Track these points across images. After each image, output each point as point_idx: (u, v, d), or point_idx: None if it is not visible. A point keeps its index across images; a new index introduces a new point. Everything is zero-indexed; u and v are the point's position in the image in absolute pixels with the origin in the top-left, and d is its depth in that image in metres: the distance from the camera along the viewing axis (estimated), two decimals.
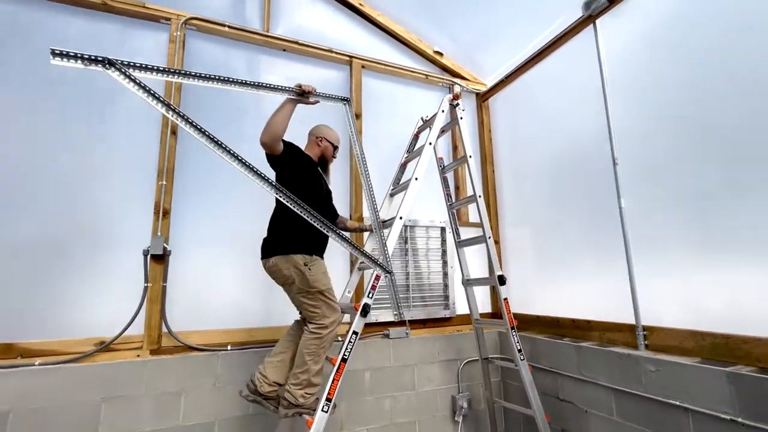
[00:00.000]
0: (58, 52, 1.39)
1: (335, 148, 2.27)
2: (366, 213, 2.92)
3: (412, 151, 2.78)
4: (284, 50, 2.89)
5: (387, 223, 2.31)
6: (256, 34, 2.76)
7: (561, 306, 2.78)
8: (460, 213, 3.32)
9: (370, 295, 2.00)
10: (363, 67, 3.15)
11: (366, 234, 2.67)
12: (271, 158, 1.96)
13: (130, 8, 2.45)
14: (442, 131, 2.82)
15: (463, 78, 3.57)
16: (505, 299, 2.39)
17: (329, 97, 2.24)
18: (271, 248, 1.97)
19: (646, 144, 2.22)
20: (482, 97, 3.61)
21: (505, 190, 3.41)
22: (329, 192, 2.26)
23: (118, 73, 1.51)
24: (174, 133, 2.43)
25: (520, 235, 3.23)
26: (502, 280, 2.40)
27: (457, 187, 3.37)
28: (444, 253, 3.16)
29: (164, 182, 2.34)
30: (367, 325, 2.74)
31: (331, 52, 3.00)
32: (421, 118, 2.91)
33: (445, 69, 3.54)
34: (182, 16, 2.55)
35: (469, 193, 2.65)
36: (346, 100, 2.35)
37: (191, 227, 2.46)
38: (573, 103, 2.73)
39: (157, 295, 2.25)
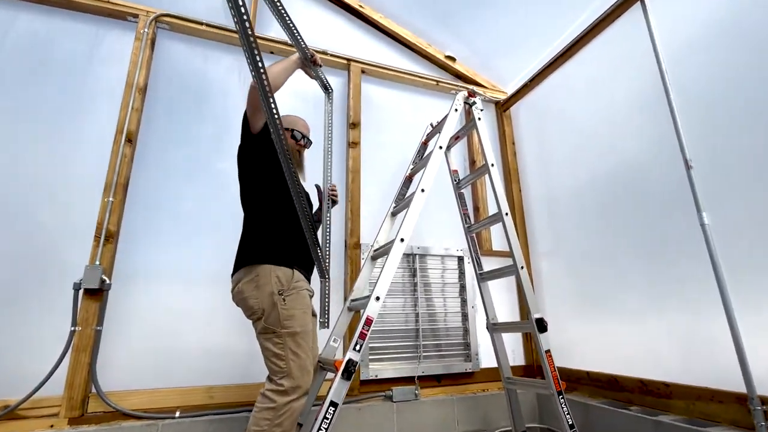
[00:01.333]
0: None
1: (293, 135, 1.71)
2: (365, 237, 2.39)
3: (419, 161, 2.28)
4: (271, 53, 2.53)
5: (384, 249, 1.77)
6: (235, 32, 2.41)
7: (618, 359, 2.10)
8: (482, 239, 2.74)
9: (358, 347, 1.42)
10: (363, 71, 2.75)
11: (363, 258, 2.12)
12: (246, 134, 1.54)
13: (93, 4, 2.14)
14: (456, 138, 2.34)
15: (479, 85, 3.12)
16: (548, 352, 1.75)
17: (321, 78, 2.05)
18: (237, 262, 1.49)
19: (727, 143, 1.65)
20: (503, 107, 3.13)
21: (534, 214, 2.83)
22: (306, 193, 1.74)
23: None
24: (130, 140, 2.02)
25: (555, 268, 2.61)
26: (542, 326, 1.78)
27: (476, 209, 2.82)
28: (463, 288, 2.55)
29: (111, 198, 1.90)
30: (363, 382, 2.12)
31: (326, 54, 2.61)
32: (431, 124, 2.44)
33: (459, 76, 3.11)
34: (152, 13, 2.23)
35: (493, 211, 2.09)
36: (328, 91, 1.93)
37: (145, 255, 1.99)
38: (616, 103, 2.20)
39: (87, 342, 1.73)
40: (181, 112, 2.25)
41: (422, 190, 1.79)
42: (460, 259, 2.61)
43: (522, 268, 1.88)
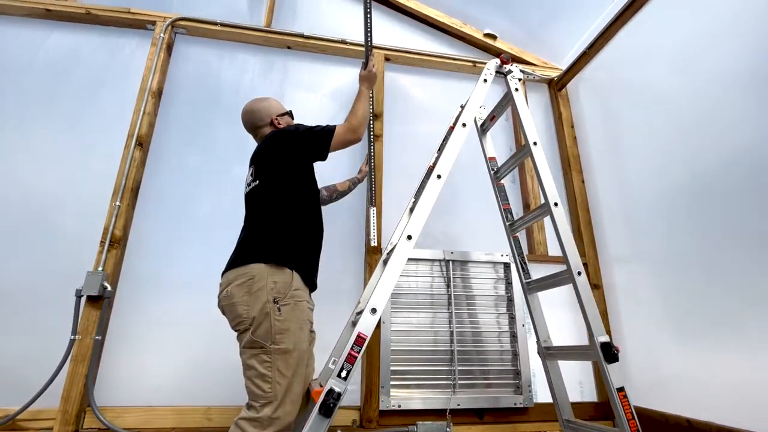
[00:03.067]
0: None
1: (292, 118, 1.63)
2: (388, 240, 2.08)
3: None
4: (288, 47, 2.39)
5: (389, 254, 1.44)
6: (254, 30, 2.31)
7: (737, 404, 1.48)
8: (534, 242, 2.25)
9: (344, 374, 1.10)
10: (387, 59, 2.48)
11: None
12: (323, 150, 1.42)
13: (115, 15, 2.19)
14: (492, 118, 1.94)
15: (526, 63, 2.68)
16: (621, 390, 1.25)
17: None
18: (231, 261, 1.30)
19: None
20: (557, 85, 2.63)
21: (603, 209, 2.27)
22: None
23: None
24: (141, 144, 1.97)
25: (635, 278, 2.02)
26: (609, 353, 1.28)
27: (526, 205, 2.35)
28: (510, 302, 2.09)
29: (118, 203, 1.84)
30: (383, 413, 1.78)
31: (344, 43, 2.40)
32: (461, 105, 2.06)
33: (499, 53, 2.69)
34: (168, 18, 2.22)
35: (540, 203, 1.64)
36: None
37: (153, 262, 1.89)
38: (725, 68, 1.64)
39: (85, 353, 1.65)
40: (197, 115, 2.18)
41: (438, 176, 1.44)
42: (507, 266, 2.16)
43: (579, 274, 1.41)
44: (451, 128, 1.99)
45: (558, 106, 2.58)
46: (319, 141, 1.42)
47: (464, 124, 1.57)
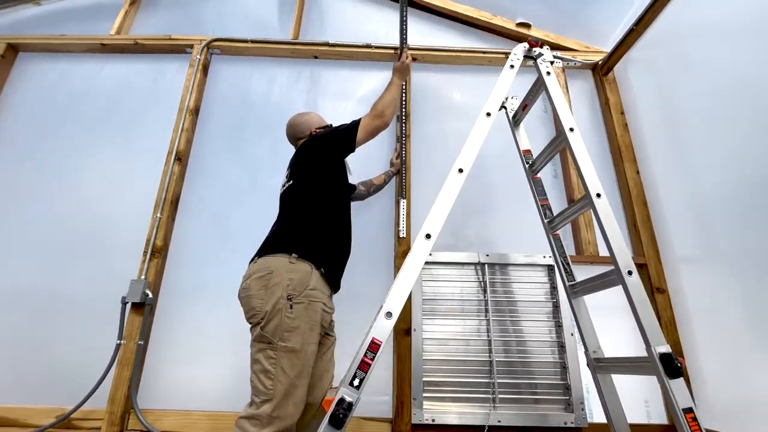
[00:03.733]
0: None
1: None
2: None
3: None
4: (315, 57, 2.43)
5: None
6: (282, 43, 2.38)
7: None
8: (581, 242, 2.04)
9: (356, 382, 1.03)
10: (414, 59, 2.42)
11: None
12: (351, 145, 1.47)
13: (158, 43, 2.37)
14: (525, 107, 1.81)
15: (566, 49, 2.48)
16: (689, 411, 1.05)
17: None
18: (259, 251, 1.34)
19: None
20: (602, 69, 2.39)
21: (666, 205, 1.99)
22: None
23: None
24: (179, 159, 2.09)
25: (708, 282, 1.72)
26: (671, 366, 1.08)
27: (571, 200, 2.14)
28: (556, 309, 1.89)
29: (159, 215, 1.95)
30: (415, 426, 1.68)
31: (370, 47, 2.39)
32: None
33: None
34: (204, 40, 2.36)
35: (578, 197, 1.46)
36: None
37: (192, 271, 1.98)
38: None
39: (129, 357, 1.74)
40: (231, 129, 2.27)
41: (459, 170, 1.35)
42: (550, 269, 1.96)
43: (630, 273, 1.22)
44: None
45: (604, 92, 2.34)
46: (345, 135, 1.48)
47: (488, 114, 1.46)
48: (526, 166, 1.79)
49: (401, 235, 1.99)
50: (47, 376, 1.79)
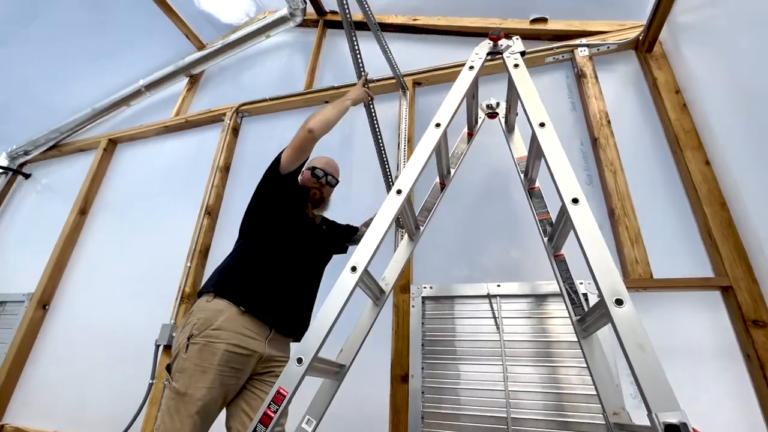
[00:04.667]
0: None
1: (313, 170, 1.58)
2: (418, 276, 1.80)
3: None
4: (325, 102, 2.54)
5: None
6: (295, 95, 2.57)
7: None
8: (626, 260, 1.57)
9: None
10: (418, 83, 2.35)
11: (413, 305, 1.56)
12: (274, 172, 1.43)
13: (202, 117, 2.79)
14: (509, 108, 1.57)
15: (595, 34, 2.10)
16: None
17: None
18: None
19: None
20: (643, 46, 1.94)
21: (753, 204, 1.42)
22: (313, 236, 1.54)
23: None
24: (209, 213, 2.34)
25: None
26: None
27: (611, 212, 1.69)
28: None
29: (189, 264, 2.19)
30: None
31: (372, 82, 2.40)
32: (486, 106, 1.73)
33: (558, 36, 2.20)
34: (234, 107, 2.69)
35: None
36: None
37: None
38: None
39: (159, 396, 1.92)
40: (254, 182, 2.47)
41: (397, 192, 1.19)
42: (584, 299, 1.54)
43: (619, 303, 0.89)
44: (469, 134, 1.68)
45: (651, 71, 1.88)
46: (272, 163, 1.45)
47: (437, 124, 1.28)
48: (522, 175, 1.50)
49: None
50: (96, 408, 2.08)
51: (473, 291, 1.70)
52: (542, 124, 1.17)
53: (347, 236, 1.74)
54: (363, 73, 1.69)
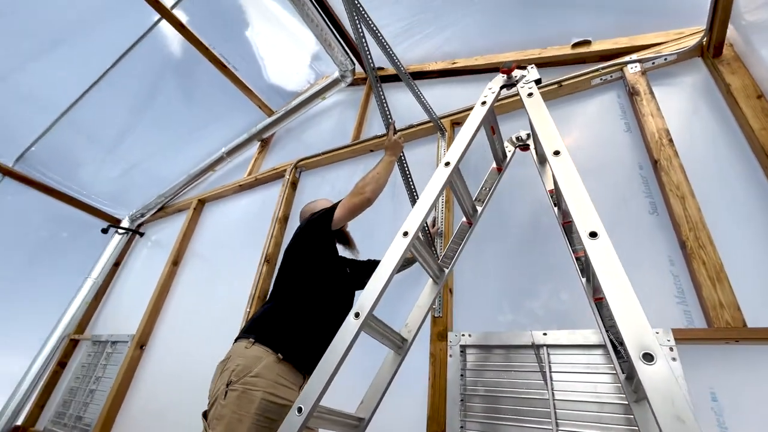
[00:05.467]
0: None
1: None
2: (459, 323, 1.68)
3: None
4: (371, 151, 2.66)
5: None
6: (343, 148, 2.75)
7: None
8: (706, 304, 1.28)
9: None
10: (456, 123, 2.34)
11: (451, 355, 1.47)
12: (323, 227, 1.49)
13: (267, 175, 3.13)
14: (527, 139, 1.47)
15: (645, 47, 1.90)
16: None
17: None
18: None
19: None
20: (710, 51, 1.68)
21: None
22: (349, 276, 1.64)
23: None
24: (268, 261, 2.54)
25: None
26: None
27: (683, 244, 1.41)
28: None
29: (249, 308, 2.37)
30: None
31: (412, 127, 2.46)
32: (511, 139, 1.65)
33: (604, 57, 2.04)
34: (292, 163, 2.97)
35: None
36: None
37: None
38: None
39: None
40: None
41: (404, 234, 1.16)
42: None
43: (649, 358, 0.72)
44: (498, 169, 1.61)
45: (722, 78, 1.61)
46: (321, 219, 1.51)
47: (447, 163, 1.25)
48: (555, 209, 1.36)
49: (436, 315, 1.73)
50: None
51: (516, 339, 1.52)
52: (557, 153, 1.07)
53: (369, 272, 1.74)
54: (390, 121, 1.76)
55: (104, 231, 3.89)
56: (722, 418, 1.16)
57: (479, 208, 1.51)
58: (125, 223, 4.05)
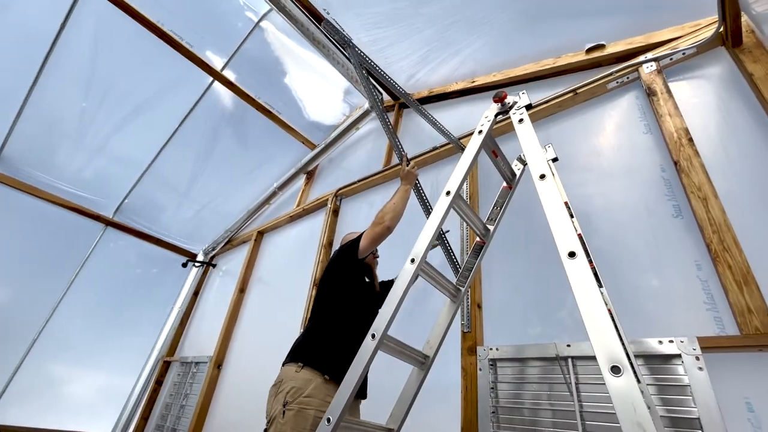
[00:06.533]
0: None
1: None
2: (489, 337, 1.75)
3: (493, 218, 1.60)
4: None
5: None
6: (375, 174, 2.94)
7: None
8: (735, 307, 1.23)
9: None
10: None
11: (481, 369, 1.56)
12: (354, 256, 1.65)
13: (315, 204, 3.42)
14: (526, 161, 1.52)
15: (663, 44, 1.84)
16: None
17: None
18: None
19: None
20: (731, 39, 1.60)
21: None
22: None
23: None
24: (316, 284, 2.79)
25: None
26: None
27: (708, 245, 1.36)
28: (698, 428, 1.14)
29: (300, 330, 2.62)
30: None
31: (436, 149, 2.59)
32: (519, 159, 1.71)
33: (620, 58, 2.01)
34: (333, 192, 3.23)
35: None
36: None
37: None
38: None
39: None
40: None
41: (411, 261, 1.30)
42: (677, 360, 1.25)
43: (616, 372, 0.78)
44: (508, 187, 1.68)
45: (744, 67, 1.53)
46: (349, 249, 1.69)
47: (448, 192, 1.37)
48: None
49: (465, 330, 1.81)
50: None
51: (542, 352, 1.55)
52: (542, 176, 1.15)
53: None
54: (403, 153, 1.91)
55: (184, 265, 4.48)
56: (760, 430, 1.11)
57: (491, 227, 1.59)
58: (200, 257, 4.62)
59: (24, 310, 3.59)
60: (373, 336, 1.22)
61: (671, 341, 1.28)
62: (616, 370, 0.78)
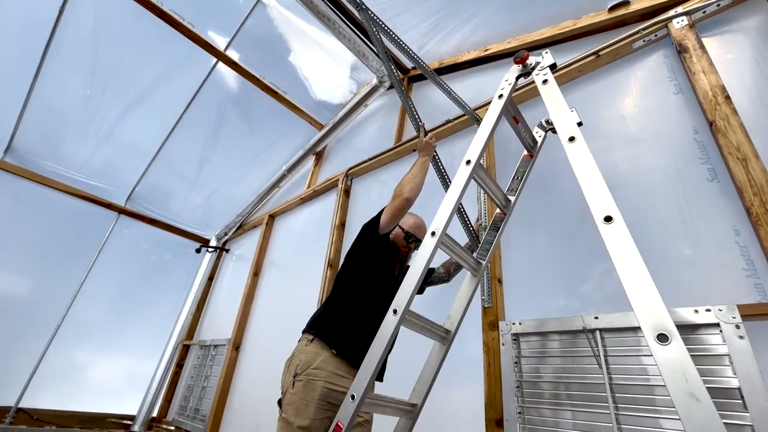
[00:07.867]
0: None
1: (406, 234, 1.73)
2: (510, 313, 1.70)
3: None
4: (414, 150, 2.75)
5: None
6: (387, 152, 2.87)
7: None
8: None
9: None
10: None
11: (503, 343, 1.53)
12: (375, 231, 1.62)
13: (324, 186, 3.37)
14: (548, 126, 1.45)
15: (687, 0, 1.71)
16: None
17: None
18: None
19: None
20: None
21: None
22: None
23: None
24: (331, 266, 2.77)
25: None
26: None
27: (748, 212, 1.28)
28: (740, 398, 1.09)
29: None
30: None
31: (450, 122, 2.50)
32: (544, 122, 1.63)
33: (646, 15, 1.88)
34: (343, 172, 3.17)
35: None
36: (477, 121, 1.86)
37: None
38: None
39: None
40: None
41: (432, 234, 1.25)
42: (715, 329, 1.19)
43: (663, 339, 0.73)
44: (529, 156, 1.61)
45: None
46: (370, 224, 1.66)
47: (468, 161, 1.30)
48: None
49: (486, 305, 1.77)
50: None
51: (568, 325, 1.51)
52: (572, 139, 1.08)
53: (425, 278, 1.82)
54: (420, 124, 1.83)
55: (197, 251, 4.51)
56: None
57: (512, 198, 1.52)
58: (213, 242, 4.64)
59: (46, 298, 3.66)
60: (395, 312, 1.18)
61: (708, 310, 1.22)
62: (663, 338, 0.73)
